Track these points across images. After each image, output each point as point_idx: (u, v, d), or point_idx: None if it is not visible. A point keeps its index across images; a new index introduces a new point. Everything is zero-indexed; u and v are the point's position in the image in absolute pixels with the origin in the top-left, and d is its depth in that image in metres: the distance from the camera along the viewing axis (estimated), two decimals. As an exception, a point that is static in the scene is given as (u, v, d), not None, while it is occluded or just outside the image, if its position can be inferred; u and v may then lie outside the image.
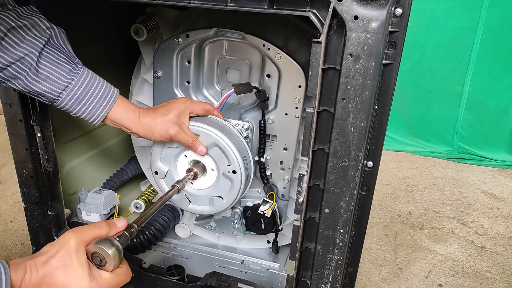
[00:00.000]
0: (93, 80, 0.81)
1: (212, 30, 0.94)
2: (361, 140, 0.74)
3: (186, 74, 1.02)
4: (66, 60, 0.79)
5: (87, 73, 0.81)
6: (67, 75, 0.78)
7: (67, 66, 0.78)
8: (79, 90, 0.80)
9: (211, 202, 0.99)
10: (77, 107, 0.81)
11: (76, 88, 0.79)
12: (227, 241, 1.24)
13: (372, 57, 0.68)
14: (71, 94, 0.79)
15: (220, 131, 0.92)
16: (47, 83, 0.77)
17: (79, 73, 0.80)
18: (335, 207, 0.80)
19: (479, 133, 2.47)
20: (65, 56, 0.79)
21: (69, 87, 0.79)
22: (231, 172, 0.93)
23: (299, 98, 0.94)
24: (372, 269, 1.38)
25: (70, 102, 0.80)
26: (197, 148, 0.91)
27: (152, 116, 0.87)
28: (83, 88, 0.80)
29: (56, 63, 0.77)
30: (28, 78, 0.76)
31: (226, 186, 0.97)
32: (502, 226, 1.71)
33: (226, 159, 0.92)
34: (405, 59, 0.94)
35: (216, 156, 0.93)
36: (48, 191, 1.03)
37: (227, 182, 0.96)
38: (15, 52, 0.73)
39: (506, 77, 2.34)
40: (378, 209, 1.79)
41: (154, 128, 0.87)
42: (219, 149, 0.92)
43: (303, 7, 0.68)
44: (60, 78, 0.78)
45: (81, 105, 0.81)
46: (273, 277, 1.13)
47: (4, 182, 1.81)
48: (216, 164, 0.95)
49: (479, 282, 1.36)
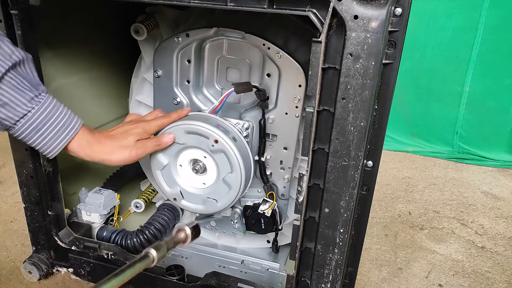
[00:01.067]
0: (55, 108, 0.76)
1: (212, 30, 0.94)
2: (361, 139, 0.74)
3: (186, 74, 1.02)
4: (29, 88, 0.73)
5: (50, 101, 0.76)
6: (27, 102, 0.73)
7: (29, 93, 0.73)
8: (38, 119, 0.75)
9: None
10: (33, 137, 0.76)
11: (36, 116, 0.74)
12: (227, 240, 1.24)
13: (372, 57, 0.68)
14: (28, 123, 0.74)
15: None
16: (5, 109, 0.71)
17: (41, 101, 0.75)
18: (335, 206, 0.80)
19: (479, 133, 2.47)
20: (29, 84, 0.74)
21: (27, 115, 0.74)
22: (214, 143, 0.93)
23: (299, 98, 0.94)
24: (372, 269, 1.38)
25: (26, 131, 0.75)
26: (165, 142, 0.92)
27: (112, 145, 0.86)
28: (43, 117, 0.75)
29: (17, 89, 0.72)
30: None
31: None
32: (502, 226, 1.71)
33: (203, 137, 0.92)
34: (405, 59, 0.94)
35: (196, 142, 0.93)
36: (48, 191, 1.03)
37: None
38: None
39: (506, 77, 2.34)
40: (378, 209, 1.79)
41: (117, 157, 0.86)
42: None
43: (303, 6, 0.68)
44: (19, 105, 0.73)
45: (38, 135, 0.76)
46: (273, 277, 1.13)
47: (4, 182, 1.81)
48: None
49: (479, 282, 1.36)
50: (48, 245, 1.11)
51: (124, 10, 1.10)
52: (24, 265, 1.11)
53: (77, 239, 1.08)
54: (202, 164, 0.98)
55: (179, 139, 0.94)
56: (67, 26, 1.11)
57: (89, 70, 1.20)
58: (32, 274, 1.11)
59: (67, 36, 1.10)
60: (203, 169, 0.99)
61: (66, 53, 1.10)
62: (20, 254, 1.33)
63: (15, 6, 0.82)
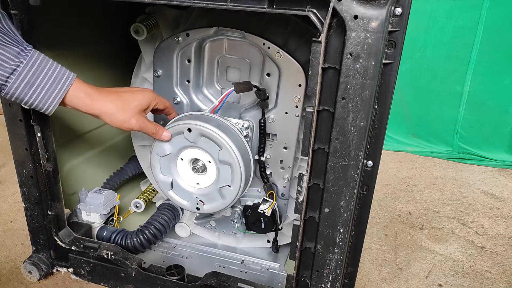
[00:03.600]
0: (45, 62, 0.75)
1: (212, 29, 0.94)
2: (361, 139, 0.74)
3: (186, 73, 1.02)
4: (12, 43, 0.72)
5: (38, 55, 0.75)
6: (14, 57, 0.72)
7: (15, 48, 0.72)
8: (30, 73, 0.73)
9: (221, 195, 0.99)
10: (28, 92, 0.74)
11: (26, 70, 0.73)
12: (227, 240, 1.24)
13: (372, 57, 0.68)
14: (20, 78, 0.72)
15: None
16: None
17: (28, 55, 0.73)
18: (335, 206, 0.80)
19: (479, 133, 2.47)
20: (11, 39, 0.72)
21: (17, 70, 0.72)
22: (225, 156, 0.93)
23: (299, 97, 0.94)
24: (372, 269, 1.38)
25: (20, 87, 0.73)
26: (160, 135, 0.93)
27: (115, 104, 0.83)
28: (34, 70, 0.73)
29: (2, 45, 0.70)
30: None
31: (228, 172, 0.97)
32: (502, 226, 1.71)
33: (215, 145, 0.93)
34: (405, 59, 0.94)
35: (206, 146, 0.94)
36: (48, 191, 1.03)
37: (226, 168, 0.95)
38: None
39: (506, 77, 2.34)
40: (378, 209, 1.79)
41: (117, 115, 0.83)
42: (205, 137, 0.93)
43: (303, 6, 0.68)
44: (6, 61, 0.71)
45: (32, 90, 0.74)
46: (273, 277, 1.13)
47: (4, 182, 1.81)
48: (209, 154, 0.95)
49: (479, 282, 1.36)
50: (48, 245, 1.11)
51: (124, 10, 1.10)
52: (24, 265, 1.11)
53: (77, 239, 1.08)
54: (202, 165, 0.98)
55: (190, 136, 0.94)
56: (67, 26, 1.11)
57: (89, 70, 1.20)
58: (32, 274, 1.11)
59: (67, 36, 1.10)
60: (202, 170, 0.99)
61: (66, 53, 1.10)
62: (20, 254, 1.33)
63: (15, 6, 0.82)
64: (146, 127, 0.89)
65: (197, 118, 0.94)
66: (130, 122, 0.85)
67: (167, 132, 0.94)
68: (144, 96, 0.88)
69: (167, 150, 0.98)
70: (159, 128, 0.93)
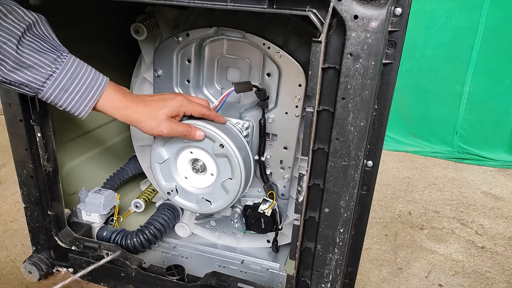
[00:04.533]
0: (79, 67, 0.78)
1: (212, 29, 0.94)
2: (361, 139, 0.74)
3: (186, 73, 1.02)
4: (50, 49, 0.75)
5: (73, 61, 0.77)
6: (51, 63, 0.75)
7: (52, 54, 0.75)
8: (65, 79, 0.76)
9: (225, 189, 0.98)
10: (62, 97, 0.77)
11: (62, 76, 0.76)
12: (227, 240, 1.24)
13: (372, 57, 0.68)
14: (56, 83, 0.75)
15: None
16: (30, 72, 0.74)
17: (64, 61, 0.76)
18: (335, 206, 0.80)
19: (479, 133, 2.47)
20: (49, 45, 0.75)
21: (53, 75, 0.75)
22: (219, 147, 0.93)
23: (299, 97, 0.94)
24: (372, 269, 1.38)
25: (55, 92, 0.76)
26: (194, 135, 0.90)
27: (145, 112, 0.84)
28: (69, 76, 0.76)
29: (39, 51, 0.74)
30: (8, 67, 0.72)
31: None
32: (502, 226, 1.71)
33: (209, 140, 0.92)
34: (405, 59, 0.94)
35: (201, 143, 0.93)
36: (48, 191, 1.03)
37: (224, 161, 0.95)
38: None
39: (507, 77, 2.34)
40: (378, 209, 1.78)
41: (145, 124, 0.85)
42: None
43: (302, 6, 0.68)
44: (43, 67, 0.74)
45: (66, 95, 0.77)
46: (273, 277, 1.13)
47: (4, 182, 1.81)
48: (205, 150, 0.95)
49: (479, 282, 1.36)
50: (48, 245, 1.11)
51: (124, 10, 1.10)
52: (24, 265, 1.11)
53: (77, 239, 1.08)
54: (202, 164, 0.98)
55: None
56: (66, 26, 1.10)
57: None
58: (32, 274, 1.11)
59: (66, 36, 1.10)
60: (203, 169, 0.99)
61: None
62: (20, 254, 1.33)
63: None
64: (176, 131, 0.87)
65: (189, 118, 0.94)
66: (159, 129, 0.85)
67: (199, 131, 0.91)
68: (173, 103, 0.87)
69: (165, 156, 0.97)
70: (191, 129, 0.90)
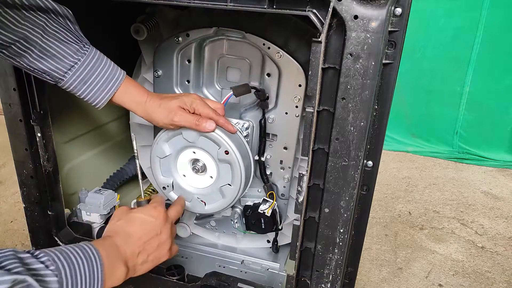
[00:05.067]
0: (100, 60, 0.81)
1: (212, 29, 0.94)
2: (361, 139, 0.74)
3: (186, 73, 1.02)
4: (73, 39, 0.78)
5: (94, 53, 0.80)
6: (74, 54, 0.78)
7: (74, 45, 0.78)
8: (85, 71, 0.79)
9: (222, 194, 0.99)
10: (81, 88, 0.80)
11: (82, 68, 0.79)
12: (227, 240, 1.24)
13: (372, 57, 0.68)
14: (76, 74, 0.79)
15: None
16: (53, 61, 0.77)
17: (86, 53, 0.79)
18: (335, 206, 0.80)
19: (479, 133, 2.47)
20: (72, 36, 0.78)
21: (75, 66, 0.78)
22: (224, 153, 0.93)
23: (299, 97, 0.94)
24: (372, 269, 1.38)
25: (75, 82, 0.79)
26: (203, 126, 0.89)
27: (158, 102, 0.87)
28: (89, 69, 0.79)
29: (63, 41, 0.77)
30: (33, 55, 0.75)
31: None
32: (502, 226, 1.71)
33: (214, 144, 0.93)
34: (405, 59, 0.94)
35: (205, 145, 0.93)
36: (48, 191, 1.03)
37: (226, 167, 0.95)
38: (18, 30, 0.72)
39: (506, 77, 2.34)
40: (378, 209, 1.79)
41: (157, 114, 0.87)
42: (204, 137, 0.92)
43: (303, 6, 0.68)
44: (66, 57, 0.77)
45: (85, 86, 0.80)
46: (273, 277, 1.13)
47: (4, 182, 1.81)
48: (209, 153, 0.95)
49: (479, 282, 1.36)
50: (48, 245, 1.11)
51: (124, 10, 1.10)
52: (24, 265, 1.10)
53: (77, 239, 1.08)
54: (202, 165, 0.98)
55: (188, 136, 0.94)
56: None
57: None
58: (32, 274, 1.10)
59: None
60: (203, 170, 0.99)
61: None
62: (20, 254, 1.33)
63: (15, 6, 0.82)
64: (186, 119, 0.88)
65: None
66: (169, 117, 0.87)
67: (211, 122, 0.89)
68: (186, 97, 0.88)
69: (167, 151, 0.98)
70: (201, 119, 0.89)
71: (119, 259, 0.73)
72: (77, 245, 0.66)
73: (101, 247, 0.69)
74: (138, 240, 0.79)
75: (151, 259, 0.82)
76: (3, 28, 0.71)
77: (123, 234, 0.78)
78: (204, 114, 0.89)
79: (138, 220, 0.82)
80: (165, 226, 0.84)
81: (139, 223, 0.81)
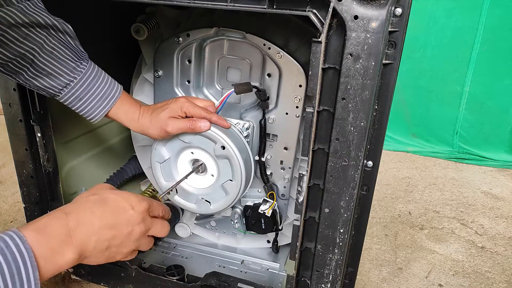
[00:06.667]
0: (96, 77, 0.81)
1: (212, 30, 0.94)
2: (361, 139, 0.74)
3: (187, 74, 1.03)
4: (70, 57, 0.78)
5: (92, 70, 0.81)
6: (70, 72, 0.78)
7: (71, 63, 0.78)
8: (81, 89, 0.80)
9: (225, 191, 0.99)
10: (76, 104, 0.81)
11: (78, 86, 0.79)
12: (227, 240, 1.24)
13: (372, 57, 0.68)
14: (71, 92, 0.79)
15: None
16: (49, 79, 0.77)
17: (83, 71, 0.79)
18: (335, 207, 0.80)
19: (479, 133, 2.47)
20: (70, 53, 0.78)
21: (70, 84, 0.79)
22: (221, 149, 0.93)
23: (299, 98, 0.94)
24: (372, 269, 1.38)
25: (70, 99, 0.80)
26: (199, 127, 0.89)
27: (148, 118, 0.88)
28: (85, 87, 0.80)
29: (60, 59, 0.77)
30: (29, 73, 0.76)
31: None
32: (502, 226, 1.71)
33: (209, 141, 0.93)
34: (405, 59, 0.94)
35: (201, 143, 0.94)
36: (48, 191, 1.03)
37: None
38: (16, 49, 0.73)
39: (507, 77, 2.34)
40: (378, 209, 1.78)
41: (150, 129, 0.88)
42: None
43: (303, 6, 0.68)
44: (62, 75, 0.78)
45: (80, 103, 0.81)
46: (273, 277, 1.13)
47: (4, 182, 1.81)
48: (206, 151, 0.95)
49: (479, 282, 1.36)
50: (48, 245, 1.11)
51: (124, 10, 1.10)
52: (24, 265, 1.10)
53: (77, 239, 1.08)
54: (203, 165, 0.98)
55: (184, 137, 0.94)
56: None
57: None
58: (32, 274, 1.10)
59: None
60: (203, 170, 0.99)
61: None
62: (20, 254, 1.33)
63: (15, 6, 0.81)
64: (179, 126, 0.88)
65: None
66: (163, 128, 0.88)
67: (204, 122, 0.89)
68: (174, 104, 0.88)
69: (166, 155, 0.98)
70: (193, 121, 0.88)
71: (65, 244, 0.60)
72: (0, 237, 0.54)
73: (40, 233, 0.58)
74: (100, 229, 0.65)
75: (106, 255, 0.68)
76: (2, 47, 0.71)
77: (84, 215, 0.65)
78: (196, 115, 0.89)
79: (112, 204, 0.68)
80: (139, 225, 0.70)
81: (111, 208, 0.68)
